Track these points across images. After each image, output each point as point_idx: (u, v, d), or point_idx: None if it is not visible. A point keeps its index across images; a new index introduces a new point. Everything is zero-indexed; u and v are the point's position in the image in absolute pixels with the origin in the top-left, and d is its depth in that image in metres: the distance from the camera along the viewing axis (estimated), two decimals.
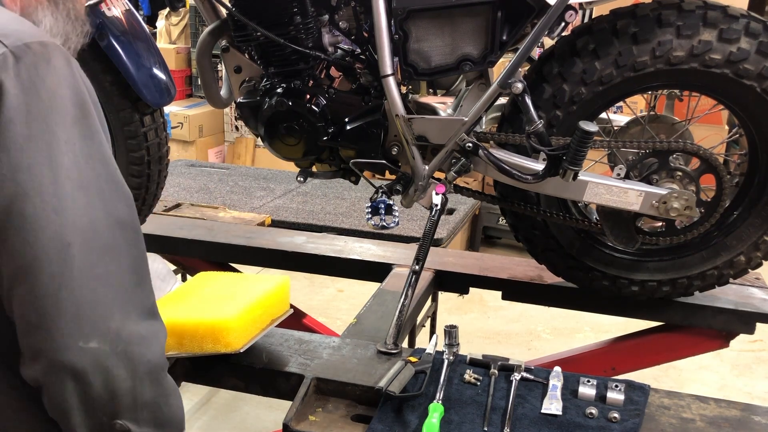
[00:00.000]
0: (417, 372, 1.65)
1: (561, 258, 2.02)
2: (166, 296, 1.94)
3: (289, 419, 1.55)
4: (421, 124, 1.85)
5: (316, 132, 1.91)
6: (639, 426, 1.53)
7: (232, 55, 1.97)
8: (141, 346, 0.96)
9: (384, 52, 1.79)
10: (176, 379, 1.77)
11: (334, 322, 3.93)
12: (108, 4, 1.97)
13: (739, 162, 2.01)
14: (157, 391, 1.00)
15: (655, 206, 1.78)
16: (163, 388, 1.02)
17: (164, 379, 1.02)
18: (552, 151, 1.73)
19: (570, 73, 1.77)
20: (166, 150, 2.20)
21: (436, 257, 2.41)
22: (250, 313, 1.72)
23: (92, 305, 0.92)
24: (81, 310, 0.91)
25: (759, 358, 3.86)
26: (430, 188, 1.93)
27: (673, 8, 1.72)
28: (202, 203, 3.39)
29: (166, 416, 1.02)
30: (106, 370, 0.93)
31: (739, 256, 1.93)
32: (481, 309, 4.35)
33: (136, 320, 0.96)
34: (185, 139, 6.08)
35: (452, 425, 1.51)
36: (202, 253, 2.65)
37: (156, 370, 1.00)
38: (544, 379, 1.65)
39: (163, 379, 1.02)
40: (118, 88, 2.01)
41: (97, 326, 0.92)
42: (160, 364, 1.00)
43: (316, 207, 3.97)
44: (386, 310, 2.04)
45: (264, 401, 3.16)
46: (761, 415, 1.61)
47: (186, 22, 6.60)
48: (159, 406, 1.00)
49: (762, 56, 1.69)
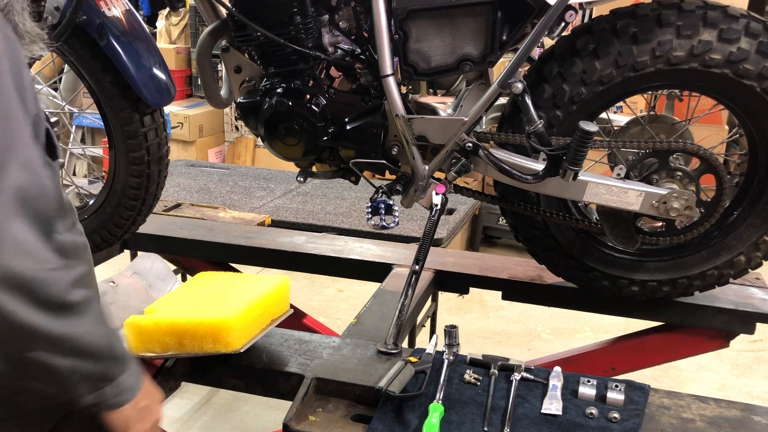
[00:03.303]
0: (417, 372, 1.65)
1: (561, 258, 2.02)
2: (166, 296, 1.94)
3: (289, 419, 1.55)
4: (421, 124, 1.85)
5: (316, 132, 1.91)
6: (639, 426, 1.53)
7: (232, 55, 1.97)
8: (41, 281, 0.97)
9: (384, 52, 1.79)
10: (176, 379, 1.79)
11: (334, 322, 3.93)
12: (108, 3, 1.96)
13: (739, 162, 2.01)
14: (73, 323, 1.01)
15: (655, 206, 1.78)
16: (82, 318, 1.03)
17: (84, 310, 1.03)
18: (552, 151, 1.73)
19: (570, 73, 1.77)
20: (166, 150, 2.20)
21: (436, 257, 2.41)
22: (250, 313, 1.72)
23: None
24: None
25: (759, 358, 3.86)
26: (430, 188, 1.93)
27: (673, 8, 1.72)
28: (202, 203, 3.39)
29: (90, 346, 1.04)
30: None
31: (739, 256, 1.93)
32: (481, 309, 4.35)
33: (25, 254, 0.96)
34: (185, 139, 6.08)
35: (452, 425, 1.52)
36: (202, 253, 2.65)
37: (64, 302, 1.00)
38: (544, 379, 1.65)
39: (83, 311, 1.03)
40: (118, 88, 2.01)
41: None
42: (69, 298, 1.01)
43: (316, 207, 3.97)
44: (386, 310, 2.04)
45: (264, 401, 3.16)
46: (761, 415, 1.61)
47: (186, 22, 6.60)
48: (79, 337, 1.02)
49: (762, 56, 1.69)
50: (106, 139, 2.17)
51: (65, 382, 1.04)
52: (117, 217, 2.21)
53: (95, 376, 1.07)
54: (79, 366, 1.04)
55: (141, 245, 2.70)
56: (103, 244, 2.28)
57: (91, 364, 1.05)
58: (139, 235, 2.50)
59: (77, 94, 2.41)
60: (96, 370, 1.07)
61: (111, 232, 2.24)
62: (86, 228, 2.18)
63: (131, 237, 2.47)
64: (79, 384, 1.05)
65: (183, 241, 2.61)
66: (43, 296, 0.98)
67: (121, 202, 2.18)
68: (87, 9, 1.89)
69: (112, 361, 1.09)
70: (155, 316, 1.73)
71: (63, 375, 1.02)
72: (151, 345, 1.68)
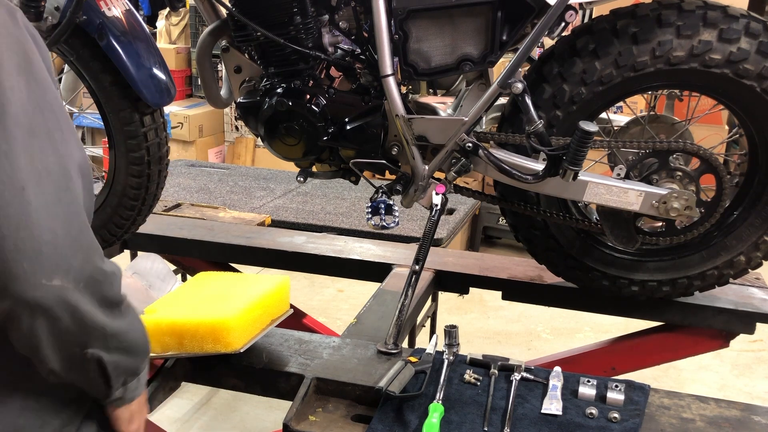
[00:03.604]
0: (417, 372, 1.65)
1: (561, 258, 2.02)
2: (166, 296, 1.94)
3: (289, 419, 1.55)
4: (421, 124, 1.85)
5: (316, 132, 1.91)
6: (639, 426, 1.53)
7: (232, 55, 1.97)
8: (103, 282, 1.03)
9: (384, 52, 1.79)
10: (176, 379, 1.79)
11: (334, 322, 3.93)
12: (108, 4, 1.97)
13: (739, 162, 2.01)
14: (120, 322, 1.07)
15: (655, 206, 1.78)
16: (126, 318, 1.09)
17: (127, 309, 1.10)
18: (552, 151, 1.73)
19: (570, 73, 1.77)
20: (166, 150, 2.20)
21: (436, 257, 2.41)
22: (250, 313, 1.72)
23: (52, 244, 0.95)
24: (42, 249, 0.94)
25: (759, 358, 3.86)
26: (430, 188, 1.93)
27: (673, 8, 1.72)
28: (202, 203, 3.40)
29: (131, 342, 1.10)
30: (71, 305, 0.98)
31: (739, 256, 1.93)
32: (481, 309, 4.35)
33: (95, 259, 1.02)
34: (185, 139, 6.08)
35: (452, 425, 1.51)
36: (202, 253, 2.65)
37: (117, 302, 1.07)
38: (544, 379, 1.65)
39: (126, 309, 1.10)
40: (118, 88, 2.01)
41: (58, 264, 0.96)
42: (121, 298, 1.08)
43: (316, 207, 3.97)
44: (386, 310, 2.04)
45: (264, 401, 3.17)
46: (761, 415, 1.61)
47: (186, 22, 6.60)
48: (124, 333, 1.08)
49: (762, 56, 1.69)
50: (106, 139, 2.17)
51: (108, 375, 1.08)
52: (117, 217, 2.21)
53: (130, 369, 1.12)
54: (121, 361, 1.09)
55: (141, 245, 2.70)
56: (103, 244, 2.28)
57: (130, 359, 1.11)
58: (139, 235, 2.50)
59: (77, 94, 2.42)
60: (131, 365, 1.12)
61: (111, 232, 2.25)
62: None
63: (131, 237, 2.47)
64: (117, 377, 1.10)
65: (183, 241, 2.61)
66: (106, 295, 1.04)
67: (121, 202, 2.18)
68: (87, 9, 1.89)
69: (144, 356, 1.16)
70: (155, 316, 1.72)
71: (108, 369, 1.07)
72: (151, 345, 1.68)
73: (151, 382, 1.71)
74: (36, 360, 1.02)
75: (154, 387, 1.70)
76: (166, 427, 2.75)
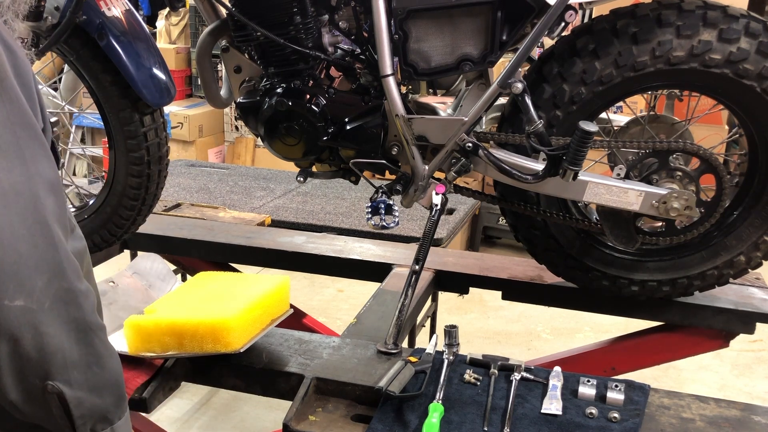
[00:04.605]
0: (417, 372, 1.65)
1: (561, 258, 2.02)
2: (166, 296, 1.94)
3: (289, 419, 1.55)
4: (421, 124, 1.85)
5: (316, 132, 1.91)
6: (639, 426, 1.53)
7: (232, 55, 1.97)
8: (70, 304, 0.96)
9: (384, 52, 1.79)
10: (176, 379, 1.79)
11: (334, 322, 3.93)
12: (108, 4, 1.97)
13: (739, 162, 2.01)
14: (88, 351, 0.99)
15: (655, 206, 1.78)
16: (95, 348, 1.00)
17: (97, 339, 1.01)
18: (552, 151, 1.73)
19: (570, 73, 1.77)
20: (166, 150, 2.20)
21: (436, 257, 2.41)
22: (250, 313, 1.72)
23: (16, 265, 0.91)
24: (4, 269, 0.90)
25: (759, 358, 3.86)
26: (430, 188, 1.93)
27: (673, 8, 1.72)
28: (202, 203, 3.39)
29: (99, 379, 1.01)
30: (33, 328, 0.92)
31: (739, 256, 1.93)
32: (481, 309, 4.35)
33: (63, 279, 0.96)
34: (185, 139, 6.08)
35: (452, 425, 1.51)
36: (202, 253, 2.65)
37: (86, 328, 0.99)
38: (544, 379, 1.65)
39: (96, 340, 1.00)
40: (118, 88, 2.01)
41: (22, 285, 0.91)
42: (91, 324, 1.00)
43: (316, 207, 3.97)
44: (386, 310, 2.04)
45: (264, 401, 3.17)
46: (761, 415, 1.61)
47: (186, 22, 6.60)
48: (90, 366, 0.99)
49: (762, 56, 1.69)
50: (106, 139, 2.17)
51: (71, 414, 0.98)
52: (117, 217, 2.21)
53: (98, 413, 1.02)
54: (86, 399, 0.99)
55: (141, 245, 2.70)
56: (103, 244, 2.28)
57: (97, 399, 1.01)
58: (139, 235, 2.50)
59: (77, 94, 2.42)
60: (99, 407, 1.02)
61: (111, 232, 2.25)
62: (86, 228, 2.20)
63: (131, 237, 2.47)
64: (83, 420, 1.00)
65: (183, 241, 2.61)
66: (75, 317, 0.97)
67: (121, 202, 2.18)
68: (87, 9, 1.89)
69: (116, 399, 1.04)
70: (155, 316, 1.72)
71: (70, 406, 0.98)
72: (151, 345, 1.68)
73: (151, 382, 1.70)
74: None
75: (154, 387, 1.70)
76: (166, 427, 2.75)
